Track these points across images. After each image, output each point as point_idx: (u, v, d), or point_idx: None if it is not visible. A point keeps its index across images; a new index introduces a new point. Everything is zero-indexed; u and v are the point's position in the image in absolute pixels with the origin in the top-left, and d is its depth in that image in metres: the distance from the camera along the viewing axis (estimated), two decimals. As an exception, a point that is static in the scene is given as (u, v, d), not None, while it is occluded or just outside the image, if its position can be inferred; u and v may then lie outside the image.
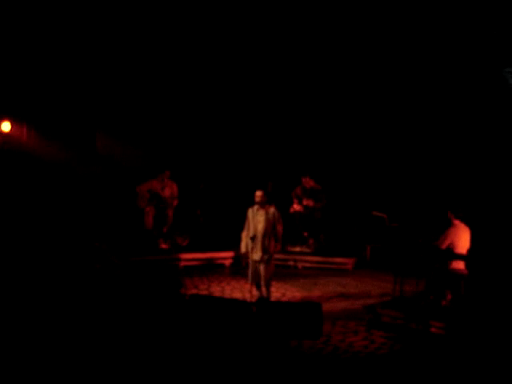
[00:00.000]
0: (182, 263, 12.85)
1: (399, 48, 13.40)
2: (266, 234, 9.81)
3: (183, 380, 7.37)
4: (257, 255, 9.82)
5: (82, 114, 14.49)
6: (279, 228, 9.90)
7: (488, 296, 9.38)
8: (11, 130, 13.59)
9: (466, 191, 12.52)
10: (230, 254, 13.28)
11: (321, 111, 14.89)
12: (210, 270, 12.76)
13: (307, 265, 13.28)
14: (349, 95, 14.61)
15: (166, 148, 14.79)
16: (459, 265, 9.48)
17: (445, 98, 13.31)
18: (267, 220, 9.82)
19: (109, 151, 14.71)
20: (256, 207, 9.91)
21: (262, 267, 9.87)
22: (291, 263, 13.26)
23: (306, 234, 13.76)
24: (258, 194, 9.88)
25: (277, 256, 10.30)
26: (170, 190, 13.56)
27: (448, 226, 9.63)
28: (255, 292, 9.96)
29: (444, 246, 9.47)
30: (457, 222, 9.62)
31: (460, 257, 9.45)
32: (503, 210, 12.13)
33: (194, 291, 10.92)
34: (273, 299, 10.24)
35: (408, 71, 13.64)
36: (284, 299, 10.73)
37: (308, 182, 13.66)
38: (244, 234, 9.96)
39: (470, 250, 9.51)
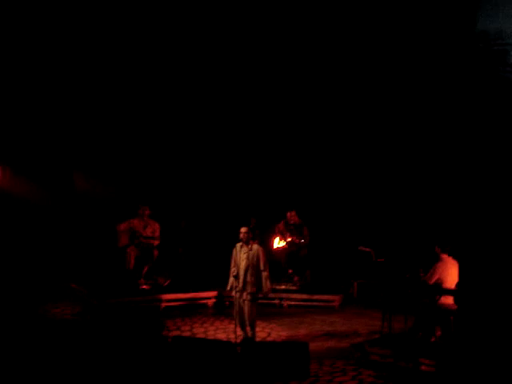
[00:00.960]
0: (164, 304, 12.57)
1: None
2: (248, 272, 9.66)
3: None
4: (240, 294, 9.65)
5: (58, 153, 14.40)
6: (264, 265, 9.69)
7: (478, 331, 9.16)
8: (-14, 170, 13.41)
9: (453, 224, 12.39)
10: (212, 293, 13.07)
11: (302, 145, 14.78)
12: (193, 310, 12.50)
13: (293, 303, 13.05)
14: (329, 129, 14.51)
15: (146, 185, 14.62)
16: (448, 300, 9.34)
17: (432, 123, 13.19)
18: (250, 257, 9.66)
19: (87, 190, 14.56)
20: (240, 244, 9.76)
21: (245, 306, 9.67)
22: (276, 301, 13.00)
23: (290, 271, 13.55)
24: (243, 230, 9.80)
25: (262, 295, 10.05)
26: (151, 229, 13.32)
27: (436, 260, 9.49)
28: (240, 332, 9.77)
29: (432, 281, 9.37)
30: (444, 256, 9.54)
31: (448, 292, 9.31)
32: (492, 242, 11.98)
33: (176, 333, 10.65)
34: (258, 339, 10.02)
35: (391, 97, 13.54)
36: (269, 339, 10.50)
37: (293, 217, 13.50)
38: (230, 272, 9.80)
39: (458, 285, 9.34)
